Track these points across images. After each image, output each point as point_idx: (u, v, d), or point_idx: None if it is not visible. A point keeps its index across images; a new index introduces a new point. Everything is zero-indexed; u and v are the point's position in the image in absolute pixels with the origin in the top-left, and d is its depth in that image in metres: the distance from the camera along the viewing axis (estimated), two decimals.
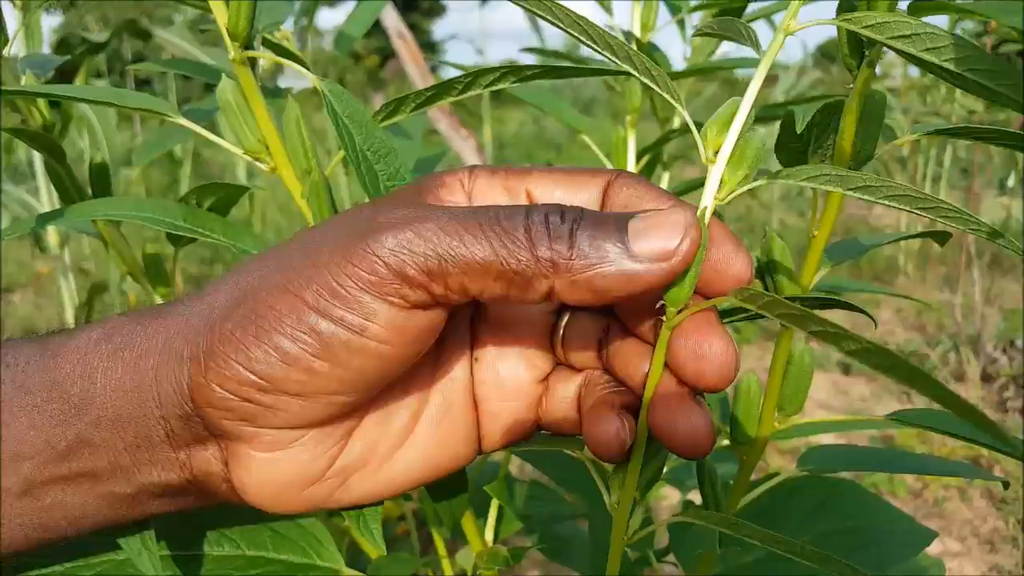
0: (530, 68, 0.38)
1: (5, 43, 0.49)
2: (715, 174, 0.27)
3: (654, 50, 0.70)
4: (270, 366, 0.26)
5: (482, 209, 0.26)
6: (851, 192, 0.26)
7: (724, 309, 0.32)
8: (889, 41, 0.26)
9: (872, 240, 0.47)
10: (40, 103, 0.52)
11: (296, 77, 0.42)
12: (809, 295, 0.40)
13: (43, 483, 0.28)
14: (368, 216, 0.27)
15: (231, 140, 0.42)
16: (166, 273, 0.58)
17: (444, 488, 0.39)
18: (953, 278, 2.81)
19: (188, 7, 0.43)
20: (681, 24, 0.71)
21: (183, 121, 0.41)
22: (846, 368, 2.36)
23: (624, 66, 0.27)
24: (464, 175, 0.30)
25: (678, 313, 0.27)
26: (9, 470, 0.28)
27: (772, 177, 0.27)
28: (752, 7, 0.63)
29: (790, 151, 0.37)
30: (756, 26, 0.37)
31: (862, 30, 0.27)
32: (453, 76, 0.38)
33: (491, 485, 0.47)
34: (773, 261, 0.40)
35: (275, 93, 0.57)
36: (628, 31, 0.67)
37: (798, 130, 0.34)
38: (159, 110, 0.40)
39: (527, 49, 1.44)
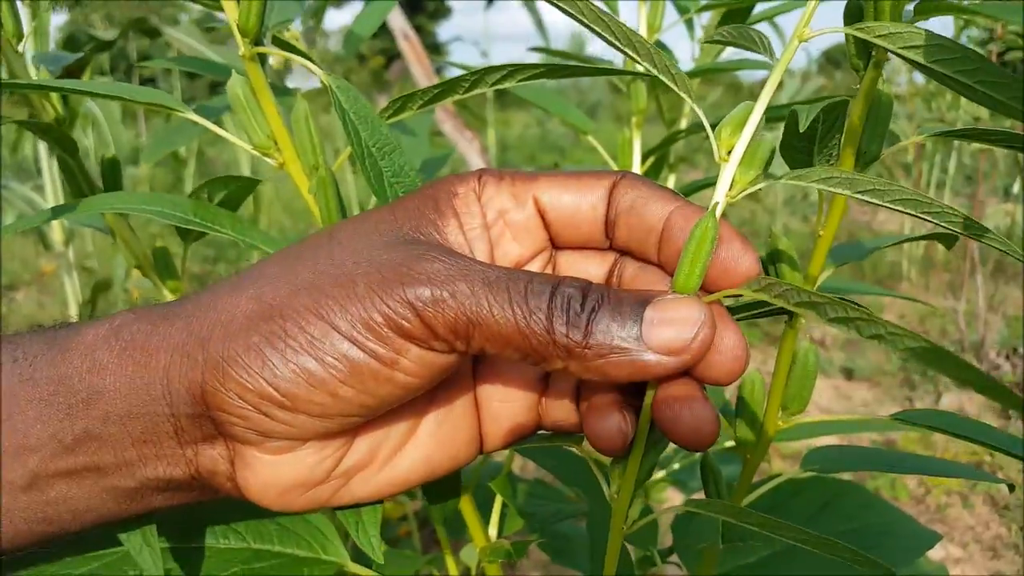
0: (536, 66, 0.38)
1: (21, 38, 0.50)
2: (727, 172, 0.27)
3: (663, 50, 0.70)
4: (296, 385, 0.27)
5: (514, 278, 0.27)
6: (859, 195, 0.26)
7: (728, 308, 0.32)
8: (901, 51, 0.27)
9: (876, 242, 0.47)
10: (53, 97, 0.52)
11: (303, 79, 0.43)
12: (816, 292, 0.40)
13: (49, 476, 0.29)
14: (405, 256, 0.27)
15: (240, 136, 0.43)
16: (175, 267, 0.58)
17: (440, 488, 0.40)
18: (956, 284, 2.81)
19: (197, 6, 0.43)
20: (689, 24, 0.70)
21: (193, 116, 0.42)
22: (848, 373, 2.36)
23: (644, 63, 0.28)
24: (474, 182, 0.31)
25: None
26: (15, 463, 0.28)
27: (781, 178, 0.27)
28: (760, 7, 0.63)
29: (795, 151, 0.37)
30: (756, 28, 0.37)
31: (874, 39, 0.27)
32: (459, 74, 0.39)
33: (495, 481, 0.47)
34: (778, 258, 0.40)
35: (284, 92, 0.58)
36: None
37: (802, 128, 0.34)
38: (169, 105, 0.40)
39: (533, 48, 1.45)
